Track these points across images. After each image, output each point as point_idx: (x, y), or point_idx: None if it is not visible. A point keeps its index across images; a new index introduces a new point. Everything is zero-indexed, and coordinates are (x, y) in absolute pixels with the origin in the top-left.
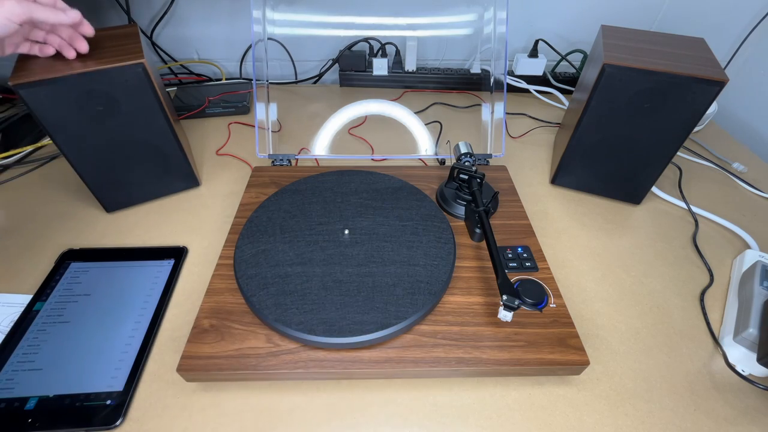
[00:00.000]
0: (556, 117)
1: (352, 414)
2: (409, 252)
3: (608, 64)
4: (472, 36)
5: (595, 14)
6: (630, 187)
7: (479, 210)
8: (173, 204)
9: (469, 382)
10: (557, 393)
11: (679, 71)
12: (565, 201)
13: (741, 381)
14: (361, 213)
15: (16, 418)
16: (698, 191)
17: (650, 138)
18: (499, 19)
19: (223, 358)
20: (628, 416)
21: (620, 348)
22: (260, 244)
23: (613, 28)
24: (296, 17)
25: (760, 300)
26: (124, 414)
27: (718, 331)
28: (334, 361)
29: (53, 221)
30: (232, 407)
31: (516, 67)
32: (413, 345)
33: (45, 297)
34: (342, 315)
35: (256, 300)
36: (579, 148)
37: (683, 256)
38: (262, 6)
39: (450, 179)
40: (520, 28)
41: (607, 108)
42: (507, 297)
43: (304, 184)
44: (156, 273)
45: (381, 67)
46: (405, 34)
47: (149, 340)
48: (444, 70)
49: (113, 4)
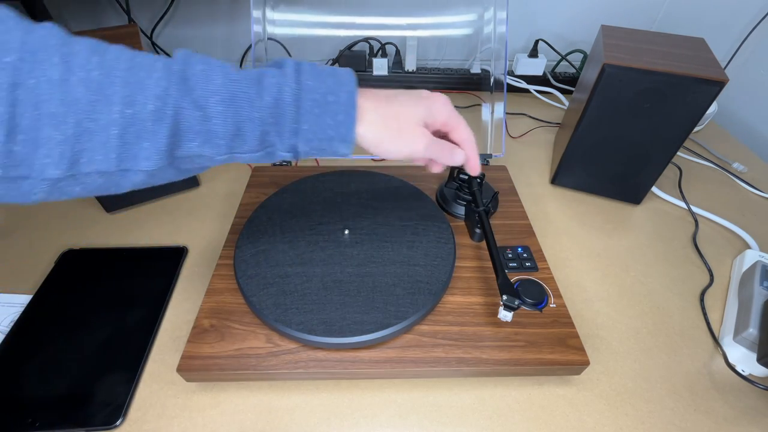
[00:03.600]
0: (556, 117)
1: (352, 414)
2: (409, 252)
3: (608, 64)
4: (472, 36)
5: (595, 14)
6: (630, 187)
7: (479, 210)
8: (173, 204)
9: (469, 382)
10: (557, 393)
11: (679, 71)
12: (565, 201)
13: (741, 381)
14: (361, 213)
15: (16, 418)
16: (698, 191)
17: (650, 138)
18: (499, 19)
19: (223, 358)
20: (628, 416)
21: (620, 348)
22: (260, 244)
23: (613, 28)
24: (296, 17)
25: (760, 300)
26: (124, 414)
27: (718, 331)
28: (334, 361)
29: (53, 221)
30: (232, 407)
31: (516, 67)
32: (413, 345)
33: (45, 297)
34: (342, 315)
35: (256, 300)
36: (579, 148)
37: (683, 256)
38: (262, 6)
39: (450, 179)
40: (520, 28)
41: (607, 108)
42: (507, 297)
43: (304, 184)
44: (156, 273)
45: (381, 67)
46: (405, 34)
47: (149, 340)
48: (444, 70)
49: (113, 4)
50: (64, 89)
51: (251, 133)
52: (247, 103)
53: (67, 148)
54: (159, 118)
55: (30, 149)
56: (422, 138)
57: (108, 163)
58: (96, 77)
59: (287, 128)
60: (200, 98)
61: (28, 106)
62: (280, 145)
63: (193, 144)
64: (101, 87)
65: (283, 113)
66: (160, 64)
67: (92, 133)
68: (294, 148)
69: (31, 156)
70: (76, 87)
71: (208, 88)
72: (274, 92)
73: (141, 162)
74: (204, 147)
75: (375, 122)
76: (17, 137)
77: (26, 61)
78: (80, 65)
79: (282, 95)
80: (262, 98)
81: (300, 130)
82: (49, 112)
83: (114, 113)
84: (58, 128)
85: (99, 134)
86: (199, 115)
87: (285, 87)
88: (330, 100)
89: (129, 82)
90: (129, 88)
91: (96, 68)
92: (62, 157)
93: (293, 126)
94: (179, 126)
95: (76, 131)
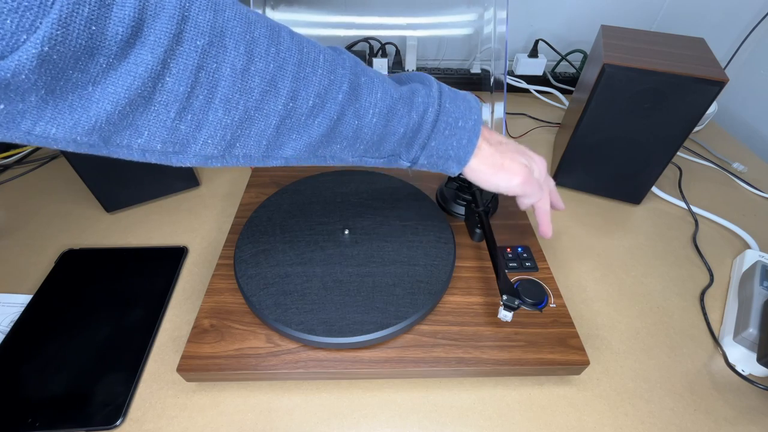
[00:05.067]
0: (556, 117)
1: (352, 414)
2: (409, 252)
3: (608, 64)
4: (472, 36)
5: (595, 14)
6: (630, 187)
7: (479, 210)
8: (173, 204)
9: (469, 382)
10: (557, 393)
11: (679, 71)
12: (565, 201)
13: (741, 381)
14: (361, 213)
15: (16, 418)
16: (698, 191)
17: (650, 138)
18: (499, 19)
19: (223, 358)
20: (628, 416)
21: (620, 348)
22: (260, 244)
23: (613, 28)
24: (296, 17)
25: (760, 300)
26: (124, 414)
27: (718, 331)
28: (334, 361)
29: (53, 221)
30: (232, 407)
31: (516, 67)
32: (413, 345)
33: (45, 297)
34: (342, 315)
35: (256, 300)
36: (579, 148)
37: (683, 256)
38: (262, 6)
39: (450, 179)
40: (520, 28)
41: (607, 108)
42: (507, 297)
43: (304, 184)
44: (156, 273)
45: (381, 67)
46: (405, 34)
47: (149, 340)
48: (444, 70)
49: None
50: (244, 78)
51: (390, 144)
52: (398, 119)
53: (228, 132)
54: (316, 114)
55: (194, 129)
56: (521, 173)
57: (258, 150)
58: (272, 70)
59: (419, 143)
60: (363, 108)
61: (204, 88)
62: (405, 156)
63: (338, 147)
64: (274, 79)
65: (421, 130)
66: (324, 56)
67: (254, 121)
68: (416, 160)
69: (192, 136)
70: (254, 77)
71: (370, 99)
72: (421, 111)
73: (285, 151)
74: (345, 151)
75: (486, 155)
76: (186, 116)
77: (214, 45)
78: (260, 56)
79: (427, 115)
80: (411, 116)
81: (428, 146)
82: (224, 97)
83: (279, 105)
84: (228, 113)
85: (261, 122)
86: (357, 124)
87: (430, 108)
88: (460, 125)
89: (298, 77)
90: (297, 83)
91: (273, 60)
92: (223, 139)
93: (424, 142)
94: (337, 129)
95: (242, 117)
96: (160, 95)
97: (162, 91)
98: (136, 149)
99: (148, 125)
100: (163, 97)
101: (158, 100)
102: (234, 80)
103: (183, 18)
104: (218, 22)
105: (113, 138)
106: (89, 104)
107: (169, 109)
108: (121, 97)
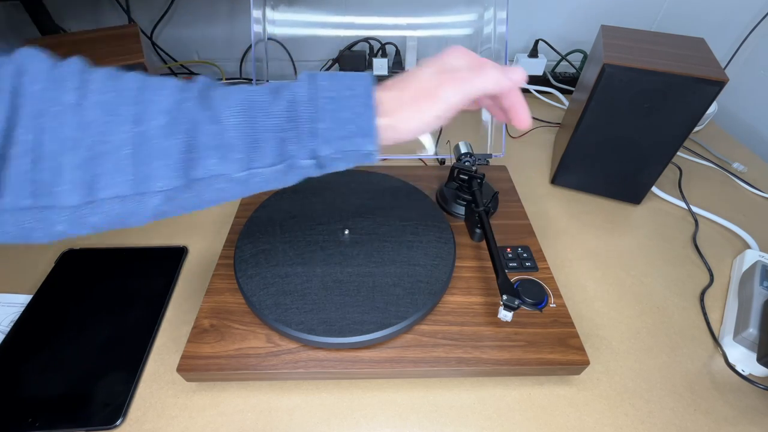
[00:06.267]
0: (556, 117)
1: (352, 414)
2: (409, 252)
3: (608, 64)
4: (472, 36)
5: (595, 14)
6: (630, 187)
7: (479, 210)
8: None
9: (469, 382)
10: (557, 393)
11: (679, 71)
12: (565, 201)
13: (741, 381)
14: (361, 213)
15: (16, 418)
16: (698, 191)
17: (650, 138)
18: (499, 19)
19: (223, 358)
20: (628, 416)
21: (620, 348)
22: (260, 244)
23: (613, 28)
24: (296, 17)
25: (760, 300)
26: (124, 414)
27: (718, 331)
28: (334, 361)
29: None
30: (232, 407)
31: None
32: (413, 345)
33: (45, 297)
34: (342, 315)
35: (256, 300)
36: (579, 148)
37: (683, 256)
38: (262, 6)
39: (450, 179)
40: (520, 28)
41: (607, 108)
42: (507, 297)
43: (304, 184)
44: (156, 273)
45: (381, 67)
46: (405, 34)
47: (149, 340)
48: None
49: (113, 4)
50: (79, 113)
51: (268, 142)
52: (263, 111)
53: (83, 173)
54: (170, 133)
55: (54, 176)
56: (440, 84)
57: (124, 186)
58: (109, 99)
59: (304, 130)
60: (217, 112)
61: (50, 132)
62: (300, 154)
63: (211, 161)
64: (113, 107)
65: (299, 114)
66: (171, 83)
67: (106, 155)
68: (315, 154)
69: (55, 183)
70: (91, 110)
71: (225, 102)
72: (288, 96)
73: (156, 182)
74: (222, 164)
75: (392, 105)
76: (43, 164)
77: (50, 90)
78: (96, 89)
79: (296, 97)
80: (277, 103)
81: (317, 130)
82: (67, 137)
83: (125, 132)
84: (75, 152)
85: (112, 155)
86: (215, 129)
87: (299, 90)
88: (346, 94)
89: (139, 100)
90: (139, 106)
91: (110, 90)
92: (81, 182)
93: (310, 126)
94: (195, 141)
95: (91, 154)
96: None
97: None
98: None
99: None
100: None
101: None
102: (73, 117)
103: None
104: (55, 71)
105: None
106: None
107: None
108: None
